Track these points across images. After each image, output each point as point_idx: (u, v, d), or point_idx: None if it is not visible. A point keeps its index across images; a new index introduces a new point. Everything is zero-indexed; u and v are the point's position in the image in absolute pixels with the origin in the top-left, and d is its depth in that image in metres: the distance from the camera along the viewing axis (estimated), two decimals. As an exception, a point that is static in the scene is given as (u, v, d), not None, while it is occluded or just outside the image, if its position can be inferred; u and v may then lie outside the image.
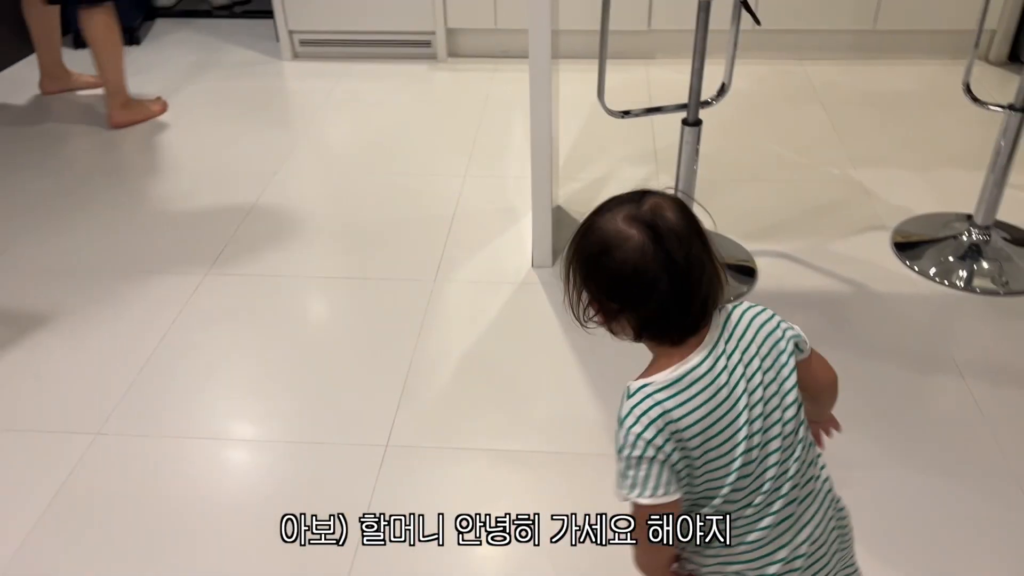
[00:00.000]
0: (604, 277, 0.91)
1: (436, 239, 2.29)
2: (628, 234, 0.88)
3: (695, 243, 0.89)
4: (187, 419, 1.73)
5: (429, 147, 2.78)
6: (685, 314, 0.90)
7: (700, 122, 1.95)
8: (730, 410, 0.90)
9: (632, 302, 0.90)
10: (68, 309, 2.05)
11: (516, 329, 1.97)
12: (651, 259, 0.87)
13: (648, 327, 0.91)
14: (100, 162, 2.73)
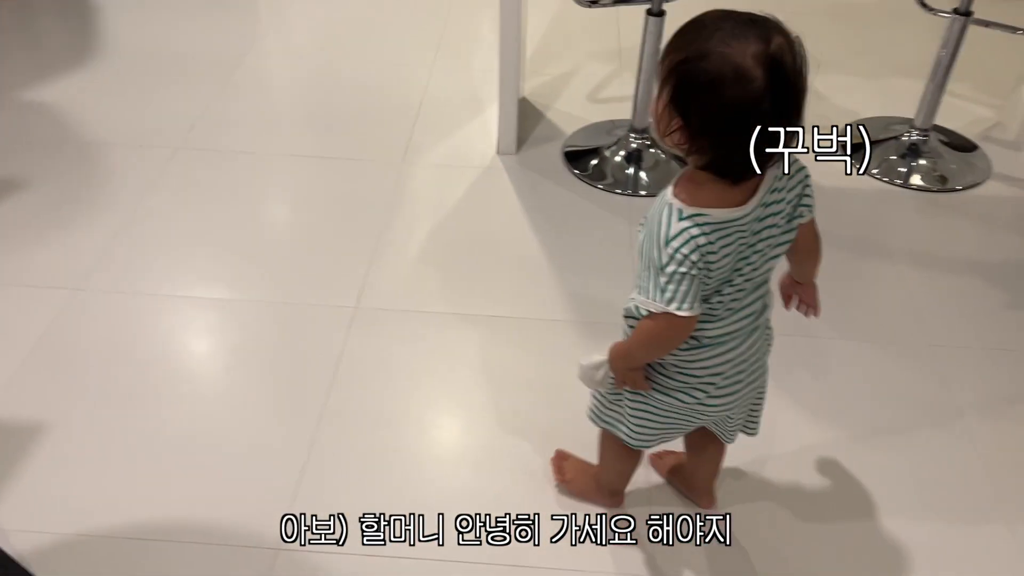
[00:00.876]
0: (711, 108, 0.87)
1: (404, 125, 2.35)
2: (753, 75, 0.84)
3: (803, 99, 0.88)
4: (161, 279, 1.80)
5: (397, 39, 2.80)
6: (765, 164, 0.89)
7: (664, 13, 2.02)
8: (749, 249, 0.99)
9: (726, 139, 0.88)
10: (41, 178, 2.08)
11: (481, 209, 2.06)
12: (767, 107, 0.85)
13: (724, 163, 0.91)
14: (68, 41, 2.71)
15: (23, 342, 1.63)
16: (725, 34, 0.86)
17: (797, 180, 1.00)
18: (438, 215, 2.02)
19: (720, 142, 0.89)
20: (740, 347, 1.08)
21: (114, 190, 2.05)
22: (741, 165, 0.89)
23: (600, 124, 2.37)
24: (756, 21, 0.87)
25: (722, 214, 0.94)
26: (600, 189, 2.12)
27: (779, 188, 0.98)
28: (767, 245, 1.00)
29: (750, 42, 0.85)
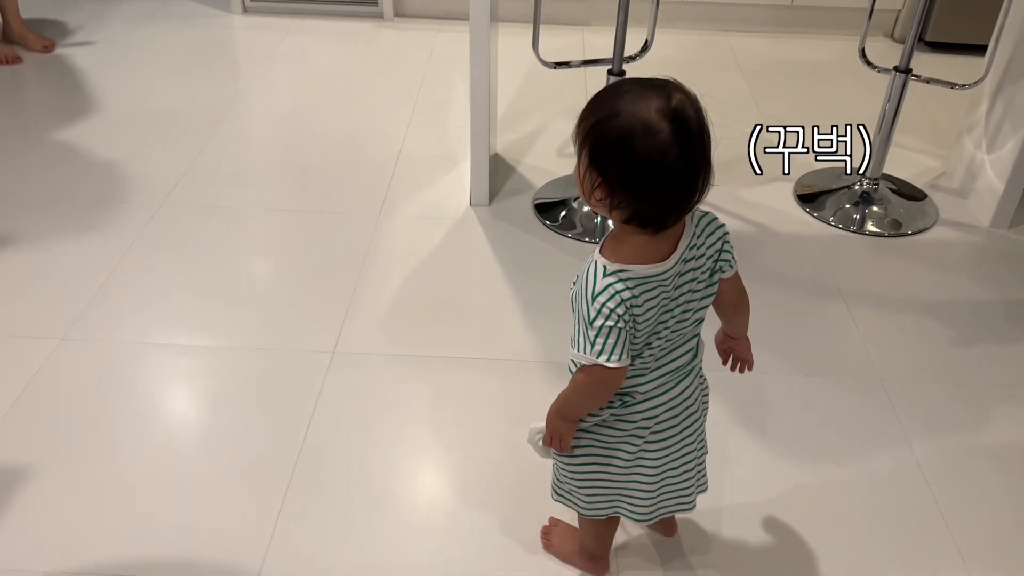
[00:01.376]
0: (622, 165, 0.95)
1: (381, 179, 2.45)
2: (658, 127, 0.92)
3: (709, 147, 0.96)
4: (145, 327, 1.86)
5: (374, 97, 2.92)
6: (681, 211, 0.98)
7: (624, 73, 2.15)
8: (673, 303, 1.06)
9: (642, 192, 0.96)
10: (28, 233, 2.15)
11: (455, 258, 2.15)
12: (675, 156, 0.93)
13: (643, 215, 0.98)
14: (54, 102, 2.81)
15: (10, 390, 1.68)
16: (632, 95, 0.95)
17: (716, 237, 1.07)
18: (414, 263, 2.11)
19: (637, 194, 0.96)
20: (671, 392, 1.14)
21: (101, 243, 2.12)
22: (660, 214, 0.98)
23: (568, 177, 2.48)
24: (658, 83, 0.96)
25: (644, 269, 1.01)
26: (569, 238, 2.22)
27: (697, 244, 1.05)
28: (690, 300, 1.08)
29: (654, 99, 0.94)
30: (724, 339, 1.27)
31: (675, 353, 1.13)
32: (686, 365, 1.15)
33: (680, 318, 1.09)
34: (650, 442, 1.16)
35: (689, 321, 1.10)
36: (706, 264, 1.07)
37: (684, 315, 1.09)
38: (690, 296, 1.08)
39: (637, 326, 1.04)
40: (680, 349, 1.13)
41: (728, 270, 1.10)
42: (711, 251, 1.07)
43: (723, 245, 1.08)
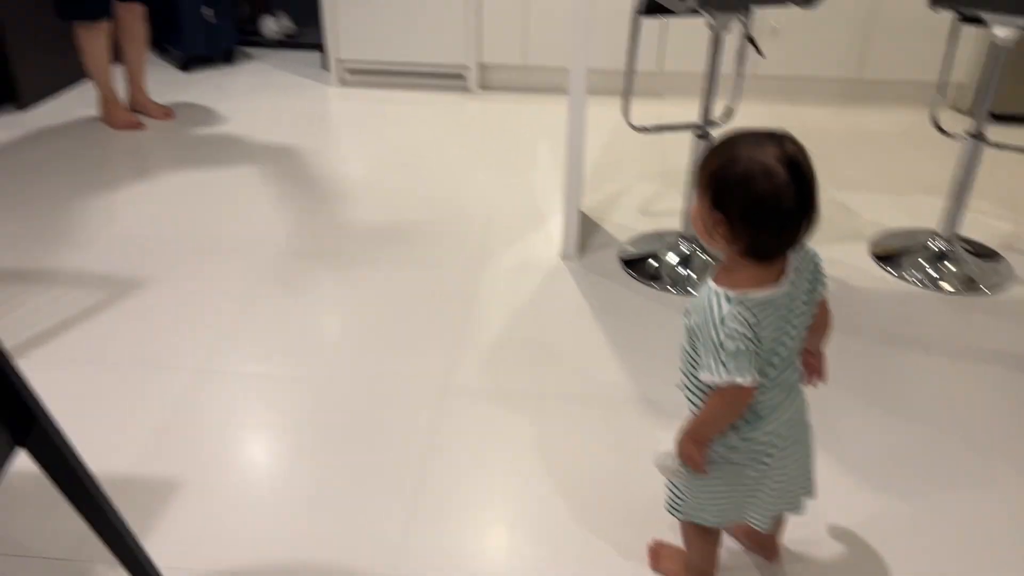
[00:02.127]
0: (744, 202, 1.08)
1: (475, 235, 2.63)
2: (776, 170, 1.06)
3: (816, 192, 1.09)
4: (270, 361, 2.04)
5: (463, 161, 3.14)
6: (792, 244, 1.12)
7: (709, 135, 2.31)
8: (787, 324, 1.18)
9: (760, 228, 1.09)
10: (160, 275, 2.37)
11: (549, 305, 2.30)
12: (790, 197, 1.07)
13: (760, 249, 1.12)
14: (163, 159, 3.08)
15: (159, 414, 1.86)
16: (750, 144, 1.10)
17: (812, 261, 1.21)
18: (512, 310, 2.26)
19: (756, 231, 1.10)
20: (790, 410, 1.27)
21: (229, 283, 2.32)
22: (775, 247, 1.12)
23: (651, 234, 2.64)
24: (772, 134, 1.10)
25: (763, 294, 1.14)
26: (655, 288, 2.36)
27: (800, 268, 1.18)
28: (798, 319, 1.20)
29: (770, 148, 1.08)
30: (804, 353, 1.36)
31: (789, 371, 1.25)
32: (796, 381, 1.28)
33: (792, 336, 1.21)
34: (774, 456, 1.27)
35: (797, 340, 1.23)
36: (805, 286, 1.20)
37: (794, 334, 1.22)
38: (800, 318, 1.21)
39: (760, 347, 1.15)
40: (792, 367, 1.26)
41: (822, 292, 1.24)
42: (809, 274, 1.21)
43: (816, 269, 1.22)
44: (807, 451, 1.35)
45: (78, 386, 1.94)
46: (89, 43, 3.14)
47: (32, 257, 2.44)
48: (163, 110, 3.42)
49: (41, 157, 3.07)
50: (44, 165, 3.01)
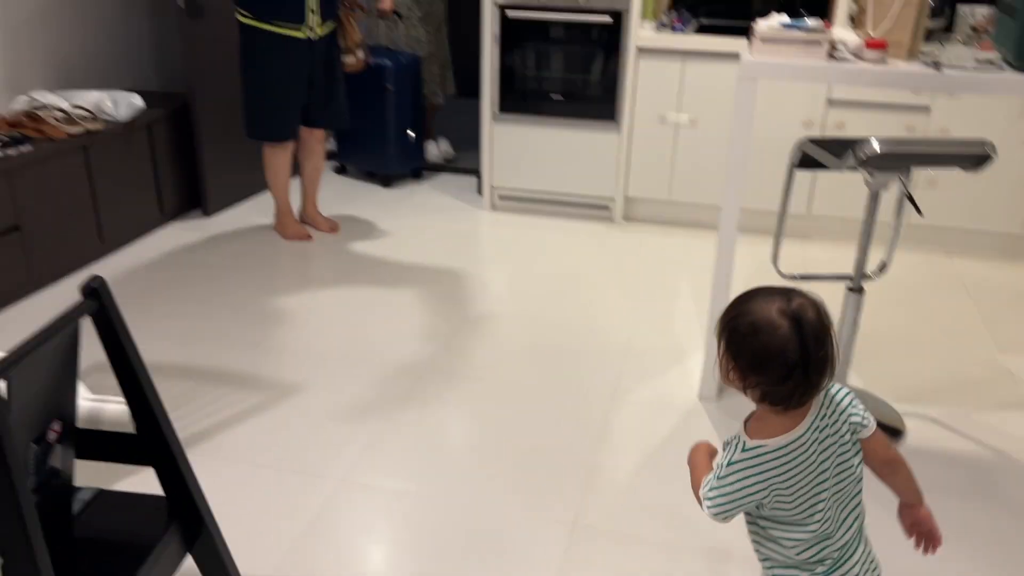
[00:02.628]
0: (750, 353, 1.16)
1: (612, 365, 2.65)
2: (778, 324, 1.14)
3: (827, 343, 1.16)
4: (407, 477, 2.10)
5: (605, 290, 3.20)
6: (805, 395, 1.18)
7: (863, 290, 2.27)
8: (818, 468, 1.21)
9: (767, 377, 1.16)
10: (314, 382, 2.51)
11: (684, 447, 2.26)
12: (792, 350, 1.14)
13: (771, 397, 1.18)
14: (327, 270, 3.31)
15: (301, 518, 1.95)
16: (761, 298, 1.18)
17: (845, 402, 1.24)
18: (646, 448, 2.25)
19: (763, 378, 1.16)
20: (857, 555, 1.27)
21: (376, 395, 2.43)
22: (785, 395, 1.17)
23: (794, 382, 2.57)
24: (785, 290, 1.19)
25: (776, 442, 1.20)
26: (797, 441, 2.29)
27: (828, 413, 1.23)
28: (841, 464, 1.23)
29: (777, 302, 1.16)
30: (902, 510, 1.35)
31: (848, 519, 1.26)
32: (858, 530, 1.28)
33: (837, 480, 1.23)
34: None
35: (847, 483, 1.24)
36: (844, 428, 1.23)
37: (840, 477, 1.23)
38: (840, 461, 1.23)
39: (783, 492, 1.21)
40: (850, 514, 1.27)
41: (863, 430, 1.25)
42: (844, 415, 1.24)
43: (850, 408, 1.24)
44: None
45: (231, 484, 2.07)
46: (273, 160, 3.46)
47: (203, 355, 2.65)
48: (330, 224, 3.69)
49: (218, 260, 3.37)
50: (221, 268, 3.29)
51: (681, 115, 3.60)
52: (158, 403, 1.24)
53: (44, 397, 1.11)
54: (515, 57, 3.71)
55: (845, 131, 3.43)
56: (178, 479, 1.30)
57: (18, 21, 3.29)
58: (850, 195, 3.53)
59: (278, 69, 3.25)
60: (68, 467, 1.20)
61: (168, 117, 3.60)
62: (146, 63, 4.04)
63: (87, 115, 3.20)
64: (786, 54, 2.16)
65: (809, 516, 1.22)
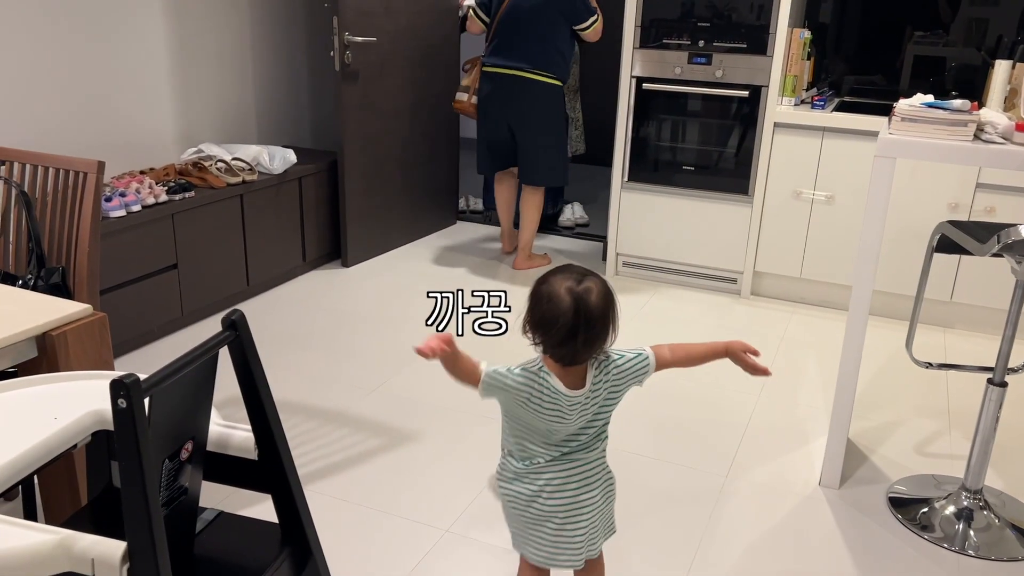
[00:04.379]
0: (538, 315, 1.43)
1: (730, 443, 2.58)
2: (563, 298, 1.40)
3: (599, 324, 1.41)
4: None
5: (728, 365, 3.11)
6: (575, 361, 1.45)
7: (1006, 384, 2.13)
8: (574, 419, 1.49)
9: (547, 337, 1.42)
10: (431, 432, 2.58)
11: (802, 536, 2.17)
12: (566, 323, 1.39)
13: (550, 353, 1.45)
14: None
15: (405, 564, 1.98)
16: (562, 273, 1.43)
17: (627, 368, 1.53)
18: (759, 532, 2.16)
19: (544, 338, 1.43)
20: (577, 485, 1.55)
21: (492, 453, 2.47)
22: (559, 356, 1.44)
23: (925, 476, 2.42)
24: (584, 272, 1.43)
25: (561, 387, 1.46)
26: (926, 540, 2.14)
27: (606, 379, 1.51)
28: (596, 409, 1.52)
29: (569, 280, 1.41)
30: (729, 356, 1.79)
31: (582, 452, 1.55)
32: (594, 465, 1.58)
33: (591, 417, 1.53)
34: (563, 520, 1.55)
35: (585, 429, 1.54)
36: (624, 387, 1.55)
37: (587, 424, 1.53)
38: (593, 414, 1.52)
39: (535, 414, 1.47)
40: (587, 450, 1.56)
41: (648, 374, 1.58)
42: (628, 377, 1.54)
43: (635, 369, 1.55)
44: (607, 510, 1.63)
45: (342, 523, 2.14)
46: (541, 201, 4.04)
47: (330, 396, 2.77)
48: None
49: (352, 308, 3.54)
50: (354, 316, 3.45)
51: (817, 192, 3.53)
52: (280, 433, 1.32)
53: (181, 418, 1.20)
54: (648, 126, 3.76)
55: (995, 216, 3.26)
56: (292, 508, 1.36)
57: (194, 80, 3.64)
58: (997, 284, 3.33)
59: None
60: (196, 486, 1.29)
61: (317, 172, 3.85)
62: (303, 122, 4.36)
63: (245, 167, 3.48)
64: (928, 134, 2.10)
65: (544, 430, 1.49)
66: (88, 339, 1.59)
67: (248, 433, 1.34)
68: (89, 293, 2.02)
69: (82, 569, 1.07)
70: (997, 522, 2.19)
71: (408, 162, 4.25)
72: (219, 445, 1.35)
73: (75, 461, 1.60)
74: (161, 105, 3.50)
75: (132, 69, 3.34)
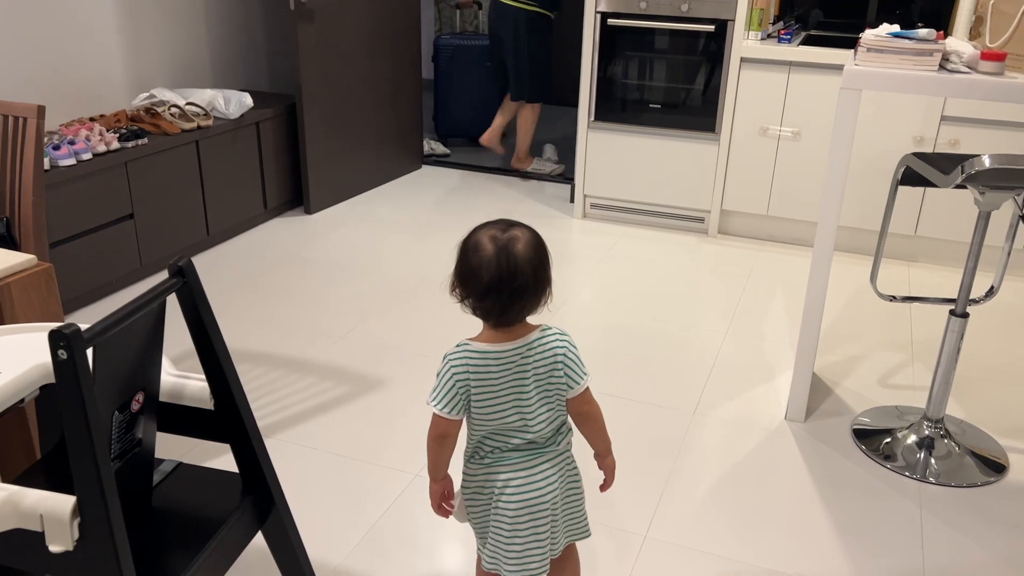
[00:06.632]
0: (462, 268, 1.32)
1: (696, 380, 2.59)
2: (486, 248, 1.29)
3: (526, 275, 1.29)
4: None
5: (694, 303, 3.13)
6: (504, 315, 1.32)
7: (967, 315, 2.15)
8: (506, 389, 1.35)
9: (470, 291, 1.31)
10: (398, 378, 2.56)
11: (766, 468, 2.19)
12: (488, 272, 1.28)
13: (477, 310, 1.34)
14: (411, 269, 3.36)
15: (374, 510, 1.98)
16: (489, 225, 1.33)
17: (557, 354, 1.37)
18: (726, 466, 2.18)
19: (468, 293, 1.31)
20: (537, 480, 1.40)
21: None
22: (486, 312, 1.32)
23: (888, 408, 2.45)
24: (510, 222, 1.33)
25: (482, 347, 1.34)
26: (888, 468, 2.18)
27: (536, 352, 1.36)
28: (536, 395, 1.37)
29: (494, 230, 1.31)
30: (596, 458, 1.51)
31: (542, 447, 1.41)
32: (550, 454, 1.42)
33: (531, 409, 1.37)
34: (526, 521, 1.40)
35: (542, 414, 1.38)
36: (550, 374, 1.37)
37: (536, 408, 1.37)
38: (537, 393, 1.37)
39: (474, 391, 1.34)
40: (544, 446, 1.41)
41: (569, 390, 1.39)
42: (552, 363, 1.37)
43: (564, 361, 1.37)
44: (574, 508, 1.49)
45: (308, 472, 2.12)
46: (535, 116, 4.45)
47: (292, 346, 2.74)
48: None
49: (315, 256, 3.48)
50: (316, 264, 3.40)
51: (784, 128, 3.50)
52: (236, 380, 1.29)
53: (130, 369, 1.17)
54: (614, 65, 3.70)
55: (960, 149, 3.26)
56: (251, 456, 1.34)
57: (144, 23, 3.49)
58: (961, 217, 3.35)
59: (549, 44, 4.32)
60: (150, 438, 1.26)
61: (275, 116, 3.75)
62: (259, 64, 4.23)
63: (200, 112, 3.37)
64: (894, 64, 2.07)
65: (499, 415, 1.36)
66: (34, 291, 1.53)
67: (202, 383, 1.30)
68: (36, 244, 1.95)
69: (31, 525, 1.04)
70: (957, 450, 2.23)
71: (370, 104, 4.15)
72: (173, 395, 1.31)
73: (27, 416, 1.56)
74: (109, 48, 3.36)
75: (76, 9, 3.19)
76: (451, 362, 1.34)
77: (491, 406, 1.36)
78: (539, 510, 1.40)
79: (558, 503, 1.44)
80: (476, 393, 1.35)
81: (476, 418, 1.38)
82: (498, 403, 1.36)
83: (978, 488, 2.14)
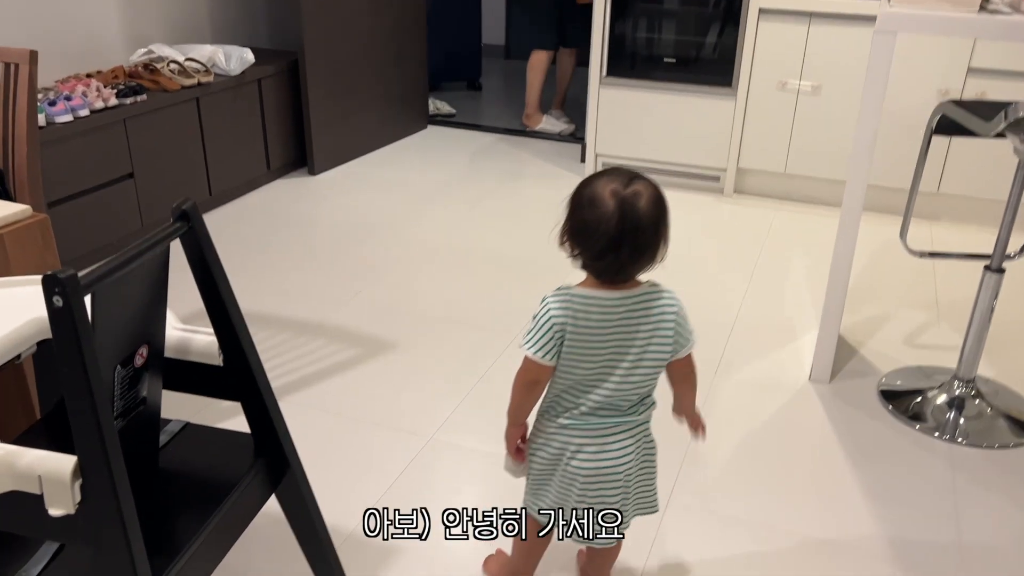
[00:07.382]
0: (578, 222, 1.23)
1: (717, 341, 2.51)
2: (606, 202, 1.19)
3: (648, 232, 1.21)
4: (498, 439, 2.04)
5: (711, 263, 3.04)
6: (619, 273, 1.25)
7: (1003, 270, 2.06)
8: (604, 340, 1.27)
9: (586, 247, 1.23)
10: (411, 342, 2.48)
11: (791, 430, 2.12)
12: (608, 229, 1.19)
13: (590, 268, 1.27)
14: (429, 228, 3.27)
15: (388, 473, 1.91)
16: (608, 176, 1.22)
17: (659, 312, 1.30)
18: (749, 428, 2.11)
19: (583, 248, 1.23)
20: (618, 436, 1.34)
21: (471, 356, 2.38)
22: (599, 269, 1.25)
23: (915, 368, 2.38)
24: (632, 174, 1.21)
25: (585, 291, 1.27)
26: (916, 430, 2.11)
27: (644, 310, 1.29)
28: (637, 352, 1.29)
29: (615, 183, 1.20)
30: (678, 409, 1.48)
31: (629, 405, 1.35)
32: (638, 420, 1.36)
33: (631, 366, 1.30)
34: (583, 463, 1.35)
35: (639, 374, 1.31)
36: (649, 327, 1.29)
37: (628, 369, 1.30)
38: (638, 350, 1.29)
39: (571, 336, 1.26)
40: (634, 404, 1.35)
41: (681, 350, 1.35)
42: (656, 325, 1.30)
43: (674, 328, 1.31)
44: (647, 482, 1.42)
45: (322, 435, 2.05)
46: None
47: (302, 308, 2.66)
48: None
49: (320, 217, 3.39)
50: (322, 224, 3.31)
51: (804, 82, 3.38)
52: (246, 334, 1.21)
53: (132, 320, 1.09)
54: (627, 17, 3.57)
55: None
56: (264, 415, 1.26)
57: (140, -25, 3.37)
58: (987, 173, 3.25)
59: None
60: (156, 396, 1.18)
61: (277, 74, 3.63)
62: (260, 19, 4.10)
63: (200, 68, 3.26)
64: (931, 6, 1.96)
65: (588, 369, 1.28)
66: (29, 242, 1.45)
67: (210, 337, 1.22)
68: (32, 195, 1.86)
69: (29, 487, 0.97)
70: (989, 411, 2.16)
71: (374, 62, 4.03)
72: (179, 351, 1.24)
73: (25, 374, 1.48)
74: (105, 2, 3.24)
75: (69, -39, 3.07)
76: (550, 305, 1.27)
77: (583, 356, 1.28)
78: (611, 481, 1.34)
79: (632, 475, 1.37)
80: (571, 340, 1.26)
81: (563, 367, 1.30)
82: (591, 354, 1.28)
83: (1010, 449, 2.07)
